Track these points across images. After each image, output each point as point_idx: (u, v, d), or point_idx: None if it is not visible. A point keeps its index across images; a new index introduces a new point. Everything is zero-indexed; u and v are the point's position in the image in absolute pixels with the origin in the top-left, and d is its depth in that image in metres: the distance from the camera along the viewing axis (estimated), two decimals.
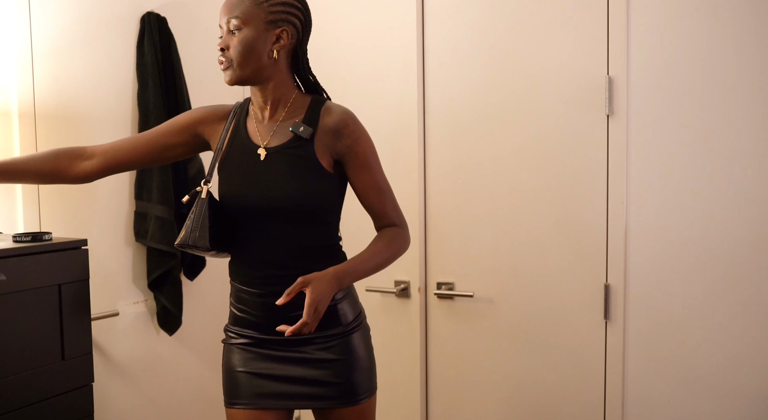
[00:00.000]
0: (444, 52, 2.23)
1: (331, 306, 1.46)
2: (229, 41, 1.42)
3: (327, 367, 1.47)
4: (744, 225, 1.86)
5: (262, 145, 1.46)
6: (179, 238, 1.45)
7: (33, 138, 1.83)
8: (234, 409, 1.50)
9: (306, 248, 1.46)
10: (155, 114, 2.06)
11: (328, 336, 1.47)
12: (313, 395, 1.48)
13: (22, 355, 1.48)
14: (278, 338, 1.46)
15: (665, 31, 1.92)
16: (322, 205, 1.46)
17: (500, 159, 2.16)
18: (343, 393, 1.47)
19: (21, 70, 1.80)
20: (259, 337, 1.48)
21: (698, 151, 1.90)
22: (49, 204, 1.87)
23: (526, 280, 2.15)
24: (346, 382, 1.47)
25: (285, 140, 1.45)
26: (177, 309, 2.14)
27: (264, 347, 1.49)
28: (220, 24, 1.44)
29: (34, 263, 1.50)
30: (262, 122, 1.50)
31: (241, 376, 1.49)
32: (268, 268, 1.45)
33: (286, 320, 1.40)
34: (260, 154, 1.45)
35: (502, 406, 2.22)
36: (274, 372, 1.48)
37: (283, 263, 1.45)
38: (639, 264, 1.99)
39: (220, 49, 1.42)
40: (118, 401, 2.07)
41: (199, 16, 2.34)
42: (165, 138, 1.52)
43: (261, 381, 1.48)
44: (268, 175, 1.43)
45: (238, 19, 1.40)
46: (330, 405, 1.48)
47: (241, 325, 1.51)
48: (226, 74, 1.43)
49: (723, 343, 1.90)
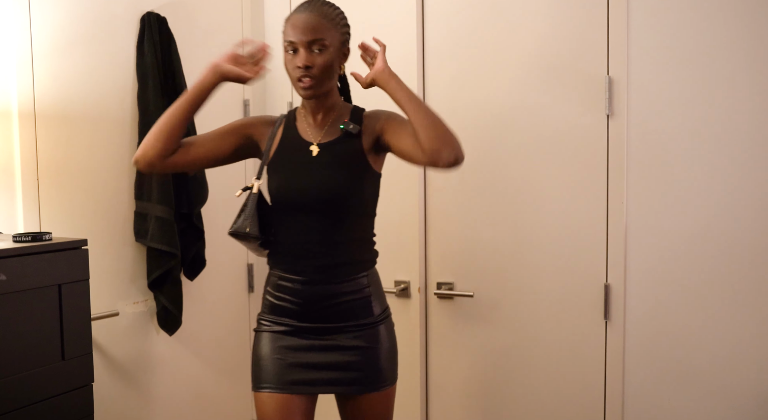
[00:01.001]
0: (444, 51, 2.23)
1: (364, 299, 1.61)
2: (312, 60, 1.52)
3: (356, 353, 1.59)
4: (744, 225, 1.86)
5: (314, 143, 1.60)
6: (232, 227, 1.61)
7: (33, 138, 1.83)
8: (263, 393, 1.60)
9: (347, 240, 1.59)
10: (155, 114, 2.05)
11: (359, 325, 1.60)
12: (341, 380, 1.59)
13: (22, 355, 1.48)
14: (314, 326, 1.59)
15: (665, 31, 1.92)
16: (366, 197, 1.61)
17: (500, 159, 2.16)
18: (368, 379, 1.59)
19: (21, 70, 1.80)
20: (295, 325, 1.60)
21: (698, 151, 1.90)
22: (49, 204, 1.87)
23: (526, 280, 2.15)
24: (372, 368, 1.60)
25: (335, 137, 1.61)
26: (177, 309, 2.14)
27: (298, 335, 1.60)
28: (294, 40, 1.53)
29: (34, 263, 1.50)
30: (312, 126, 1.64)
31: (273, 362, 1.59)
32: (311, 258, 1.58)
33: (322, 308, 1.57)
34: (312, 150, 1.60)
35: (502, 406, 2.22)
36: (305, 359, 1.59)
37: (325, 253, 1.57)
38: (639, 264, 1.99)
39: (305, 66, 1.52)
40: (118, 401, 2.07)
41: (199, 16, 2.33)
42: (219, 137, 1.66)
43: (291, 367, 1.58)
44: (321, 168, 1.57)
45: (323, 41, 1.53)
46: (355, 390, 1.59)
47: (277, 313, 1.62)
48: (308, 90, 1.55)
49: (723, 343, 1.90)
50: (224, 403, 2.47)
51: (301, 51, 1.52)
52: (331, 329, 1.60)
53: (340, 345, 1.59)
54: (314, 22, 1.52)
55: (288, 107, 2.54)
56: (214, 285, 2.41)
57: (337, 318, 1.60)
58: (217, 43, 2.41)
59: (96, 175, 2.00)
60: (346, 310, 1.60)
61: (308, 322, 1.59)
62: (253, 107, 2.54)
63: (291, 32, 1.53)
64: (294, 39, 1.52)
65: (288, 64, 1.56)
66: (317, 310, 1.58)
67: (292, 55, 1.54)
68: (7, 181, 1.79)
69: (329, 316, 1.59)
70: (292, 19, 1.55)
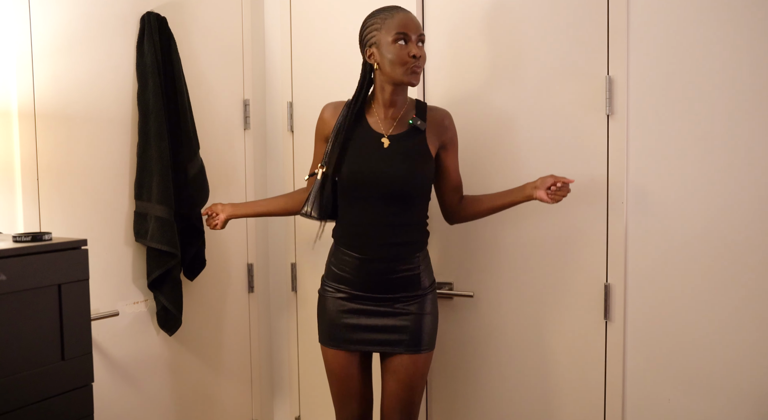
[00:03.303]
0: (444, 51, 2.23)
1: (415, 275, 1.84)
2: (421, 52, 1.76)
3: (405, 319, 1.82)
4: (744, 225, 1.86)
5: (385, 135, 1.81)
6: (303, 207, 1.87)
7: (33, 138, 1.83)
8: (326, 348, 1.89)
9: (406, 223, 1.82)
10: (155, 114, 2.06)
11: (410, 296, 1.84)
12: (388, 341, 1.83)
13: (22, 355, 1.48)
14: (370, 295, 1.83)
15: (665, 31, 1.92)
16: (426, 185, 1.84)
17: (500, 159, 2.16)
18: (412, 341, 1.82)
19: (21, 70, 1.80)
20: (352, 293, 1.84)
21: (698, 151, 1.90)
22: (49, 204, 1.87)
23: (526, 280, 2.15)
24: (417, 332, 1.82)
25: (403, 130, 1.83)
26: (177, 309, 2.14)
27: (355, 301, 1.84)
28: (406, 31, 1.75)
29: (34, 263, 1.50)
30: (383, 118, 1.84)
31: (333, 323, 1.87)
32: (370, 237, 1.81)
33: (379, 282, 1.82)
34: (384, 142, 1.80)
35: (502, 406, 2.22)
36: (359, 321, 1.84)
37: (382, 233, 1.80)
38: (639, 264, 1.99)
39: (417, 56, 1.74)
40: (118, 401, 2.07)
41: (199, 16, 2.34)
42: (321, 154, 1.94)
43: (347, 328, 1.85)
44: (391, 158, 1.78)
45: (424, 38, 1.79)
46: (399, 350, 1.83)
47: (338, 281, 1.87)
48: (417, 77, 1.78)
49: (723, 343, 1.90)
50: (224, 403, 2.47)
51: (412, 43, 1.75)
52: (385, 298, 1.83)
53: (392, 311, 1.82)
54: (417, 22, 1.79)
55: (288, 107, 2.54)
56: (214, 285, 2.41)
57: (391, 289, 1.82)
58: (217, 43, 2.42)
59: (96, 175, 2.00)
60: (399, 283, 1.82)
61: (364, 291, 1.83)
62: (253, 107, 2.55)
63: (403, 25, 1.74)
64: (408, 31, 1.74)
65: (398, 53, 1.74)
66: (374, 282, 1.82)
67: (403, 45, 1.74)
68: (7, 181, 1.79)
69: (384, 287, 1.82)
70: (400, 16, 1.76)
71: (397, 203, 1.80)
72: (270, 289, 2.67)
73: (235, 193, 2.50)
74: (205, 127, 2.33)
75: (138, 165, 2.08)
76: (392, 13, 1.78)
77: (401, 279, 1.83)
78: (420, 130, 1.82)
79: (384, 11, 1.80)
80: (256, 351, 2.60)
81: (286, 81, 2.55)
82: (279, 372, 2.68)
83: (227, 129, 2.47)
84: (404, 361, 1.83)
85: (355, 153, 1.81)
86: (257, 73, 2.59)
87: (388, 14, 1.78)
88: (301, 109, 2.52)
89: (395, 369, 1.84)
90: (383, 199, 1.79)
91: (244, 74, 2.52)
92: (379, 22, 1.78)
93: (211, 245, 2.34)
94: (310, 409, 2.58)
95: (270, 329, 2.68)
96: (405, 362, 1.83)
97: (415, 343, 1.83)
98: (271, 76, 2.62)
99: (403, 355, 1.83)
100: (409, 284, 1.84)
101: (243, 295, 2.56)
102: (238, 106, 2.52)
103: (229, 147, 2.47)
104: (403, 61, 1.75)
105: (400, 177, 1.77)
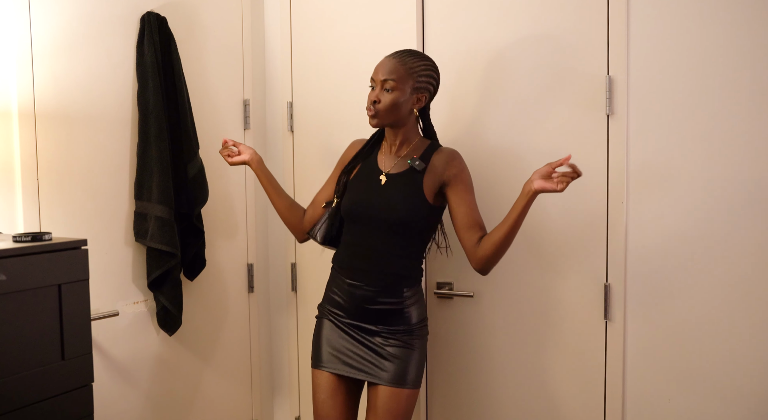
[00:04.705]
0: (444, 51, 2.23)
1: (398, 309, 1.84)
2: (381, 96, 1.81)
3: (389, 351, 1.82)
4: (744, 224, 1.86)
5: (384, 172, 1.88)
6: (313, 230, 2.02)
7: (33, 138, 1.83)
8: (315, 369, 1.91)
9: (391, 253, 1.84)
10: (155, 114, 2.06)
11: (396, 330, 1.84)
12: (372, 371, 1.83)
13: (22, 355, 1.48)
14: (356, 324, 1.85)
15: (665, 31, 1.92)
16: (415, 225, 1.84)
17: (500, 159, 2.16)
18: (394, 375, 1.81)
19: (21, 70, 1.80)
20: (343, 319, 1.87)
21: (698, 151, 1.90)
22: (49, 204, 1.87)
23: (527, 281, 2.15)
24: (400, 366, 1.81)
25: (402, 170, 1.87)
26: (177, 309, 2.14)
27: (345, 327, 1.87)
28: (374, 78, 1.83)
29: (34, 263, 1.50)
30: (388, 154, 1.91)
31: (324, 346, 1.89)
32: (361, 264, 1.85)
33: (363, 309, 1.84)
34: (381, 179, 1.87)
35: (502, 406, 2.22)
36: (348, 346, 1.86)
37: (372, 262, 1.84)
38: (639, 264, 1.99)
39: (372, 101, 1.81)
40: (118, 401, 2.07)
41: (199, 16, 2.34)
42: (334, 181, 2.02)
43: (338, 352, 1.86)
44: (384, 194, 1.84)
45: (393, 82, 1.80)
46: (381, 382, 1.81)
47: (332, 305, 1.91)
48: (372, 120, 1.84)
49: (723, 343, 1.90)
50: (224, 403, 2.47)
51: (376, 88, 1.82)
52: (371, 330, 1.84)
53: (377, 343, 1.83)
54: (390, 66, 1.81)
55: (288, 107, 2.54)
56: (214, 285, 2.41)
57: (373, 320, 1.84)
58: (217, 43, 2.42)
59: (96, 175, 2.00)
60: (381, 315, 1.83)
61: (352, 318, 1.86)
62: (253, 107, 2.55)
63: (375, 71, 1.84)
64: (375, 77, 1.83)
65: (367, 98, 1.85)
66: (361, 310, 1.84)
67: (371, 91, 1.84)
68: (7, 181, 1.79)
69: (368, 316, 1.84)
70: (379, 61, 1.85)
71: (384, 236, 1.84)
72: (270, 289, 2.67)
73: (235, 193, 2.50)
74: (205, 127, 2.33)
75: (138, 165, 2.08)
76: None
77: (383, 311, 1.83)
78: (417, 170, 1.84)
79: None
80: (256, 351, 2.60)
81: (286, 81, 2.55)
82: (279, 372, 2.68)
83: (227, 129, 2.47)
84: (386, 394, 1.80)
85: (356, 185, 1.91)
86: (257, 73, 2.59)
87: None
88: (301, 109, 2.52)
89: (376, 402, 1.82)
90: (373, 230, 1.84)
91: (244, 74, 2.52)
92: None
93: (211, 245, 2.34)
94: (310, 409, 2.58)
95: (270, 329, 2.68)
96: (386, 395, 1.80)
97: (397, 377, 1.81)
98: (271, 76, 2.62)
99: (385, 388, 1.81)
100: (393, 318, 1.84)
101: (243, 295, 2.56)
102: (238, 106, 2.52)
103: None
104: (367, 106, 1.84)
105: (388, 210, 1.82)
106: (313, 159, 2.50)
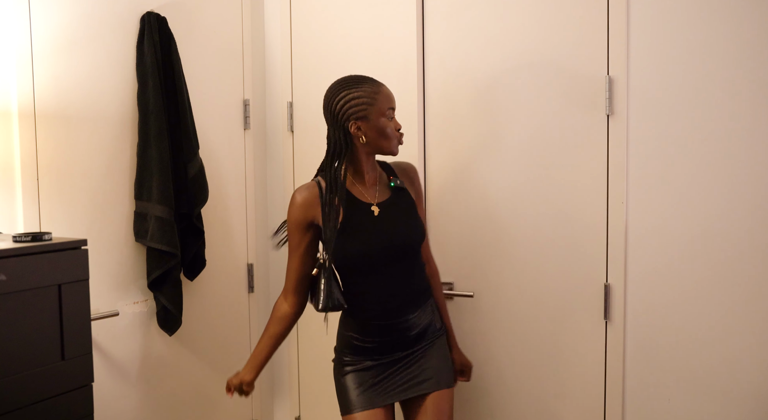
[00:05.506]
0: (444, 51, 2.23)
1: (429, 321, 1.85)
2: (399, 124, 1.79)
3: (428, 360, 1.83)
4: (744, 224, 1.86)
5: (374, 203, 1.79)
6: (321, 304, 1.78)
7: (33, 138, 1.83)
8: (353, 414, 1.80)
9: (415, 274, 1.82)
10: (155, 114, 2.06)
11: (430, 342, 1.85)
12: (416, 385, 1.81)
13: (22, 355, 1.48)
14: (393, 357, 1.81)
15: (665, 31, 1.92)
16: (423, 233, 1.84)
17: (500, 159, 2.16)
18: (440, 378, 1.82)
19: (21, 70, 1.80)
20: (378, 360, 1.81)
21: (698, 151, 1.90)
22: (49, 204, 1.87)
23: (526, 280, 2.15)
24: (442, 369, 1.84)
25: (388, 195, 1.82)
26: (177, 309, 2.14)
27: (380, 367, 1.81)
28: (394, 107, 1.77)
29: (34, 263, 1.50)
30: (365, 186, 1.81)
31: (360, 394, 1.80)
32: (392, 299, 1.77)
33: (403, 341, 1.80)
34: (374, 210, 1.78)
35: (502, 406, 2.22)
36: (388, 382, 1.81)
37: (402, 291, 1.79)
38: (639, 264, 1.99)
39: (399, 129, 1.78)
40: (118, 401, 2.07)
41: (199, 16, 2.34)
42: (304, 244, 1.81)
43: (375, 391, 1.80)
44: (385, 224, 1.77)
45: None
46: (426, 389, 1.81)
47: (363, 354, 1.82)
48: (399, 147, 1.79)
49: (723, 343, 1.90)
50: (224, 403, 2.47)
51: (395, 116, 1.78)
52: (408, 353, 1.82)
53: (415, 359, 1.82)
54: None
55: (288, 107, 2.54)
56: (214, 285, 2.41)
57: (413, 344, 1.82)
58: (217, 43, 2.42)
59: (96, 175, 2.00)
60: (419, 336, 1.82)
61: (388, 354, 1.81)
62: (253, 107, 2.55)
63: (391, 100, 1.76)
64: (394, 106, 1.78)
65: (388, 125, 1.75)
66: (401, 339, 1.80)
67: (390, 120, 1.76)
68: (7, 181, 1.79)
69: (406, 344, 1.81)
70: (385, 90, 1.76)
71: (403, 260, 1.79)
72: (270, 289, 2.67)
73: (235, 193, 2.50)
74: (205, 127, 2.33)
75: (138, 165, 2.08)
76: (377, 88, 1.74)
77: (420, 333, 1.82)
78: (401, 188, 1.84)
79: (364, 84, 1.73)
80: None
81: (286, 81, 2.55)
82: (279, 372, 2.68)
83: (227, 129, 2.47)
84: (433, 399, 1.81)
85: (352, 232, 1.75)
86: (257, 73, 2.59)
87: (373, 88, 1.73)
88: (301, 109, 2.52)
89: (424, 410, 1.81)
90: (391, 262, 1.77)
91: (244, 74, 2.53)
92: (367, 97, 1.71)
93: (211, 245, 2.34)
94: (310, 409, 2.58)
95: None
96: (434, 400, 1.81)
97: (440, 380, 1.83)
98: (271, 76, 2.62)
99: (431, 394, 1.81)
100: (426, 332, 1.84)
101: (243, 295, 2.56)
102: (238, 106, 2.52)
103: (229, 147, 2.47)
104: (392, 133, 1.75)
105: (399, 237, 1.77)
106: (313, 159, 2.49)
